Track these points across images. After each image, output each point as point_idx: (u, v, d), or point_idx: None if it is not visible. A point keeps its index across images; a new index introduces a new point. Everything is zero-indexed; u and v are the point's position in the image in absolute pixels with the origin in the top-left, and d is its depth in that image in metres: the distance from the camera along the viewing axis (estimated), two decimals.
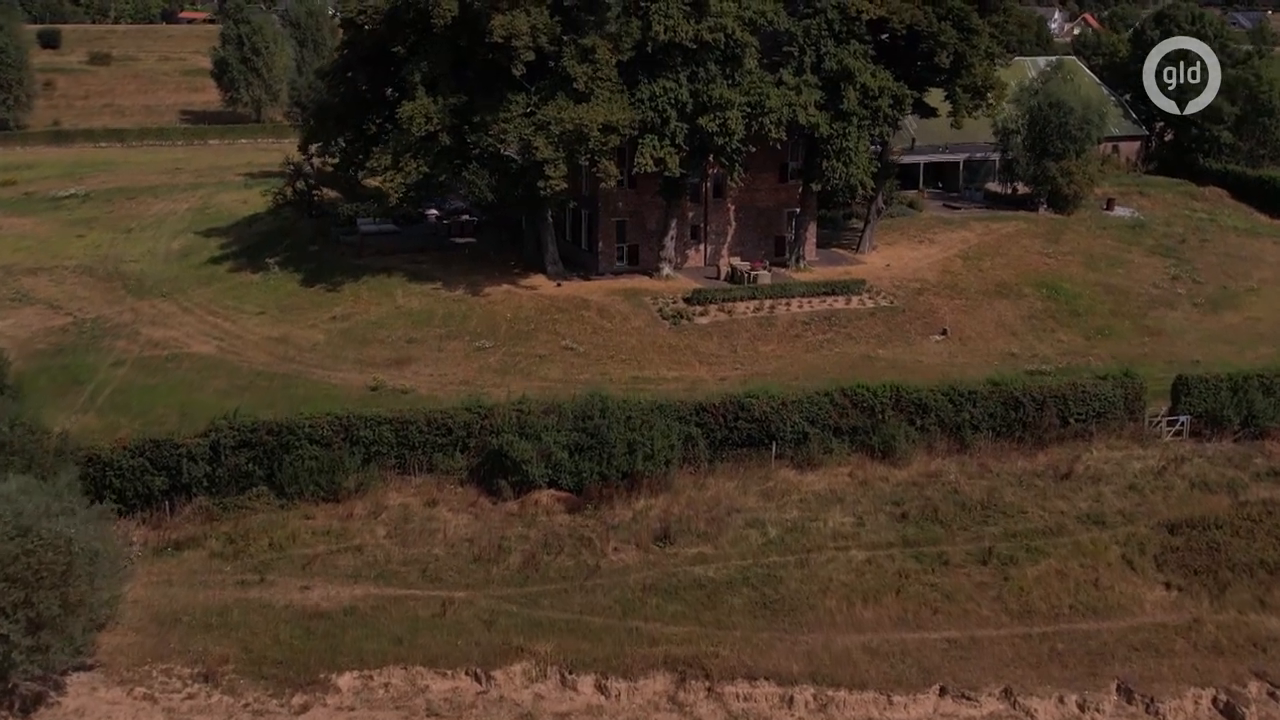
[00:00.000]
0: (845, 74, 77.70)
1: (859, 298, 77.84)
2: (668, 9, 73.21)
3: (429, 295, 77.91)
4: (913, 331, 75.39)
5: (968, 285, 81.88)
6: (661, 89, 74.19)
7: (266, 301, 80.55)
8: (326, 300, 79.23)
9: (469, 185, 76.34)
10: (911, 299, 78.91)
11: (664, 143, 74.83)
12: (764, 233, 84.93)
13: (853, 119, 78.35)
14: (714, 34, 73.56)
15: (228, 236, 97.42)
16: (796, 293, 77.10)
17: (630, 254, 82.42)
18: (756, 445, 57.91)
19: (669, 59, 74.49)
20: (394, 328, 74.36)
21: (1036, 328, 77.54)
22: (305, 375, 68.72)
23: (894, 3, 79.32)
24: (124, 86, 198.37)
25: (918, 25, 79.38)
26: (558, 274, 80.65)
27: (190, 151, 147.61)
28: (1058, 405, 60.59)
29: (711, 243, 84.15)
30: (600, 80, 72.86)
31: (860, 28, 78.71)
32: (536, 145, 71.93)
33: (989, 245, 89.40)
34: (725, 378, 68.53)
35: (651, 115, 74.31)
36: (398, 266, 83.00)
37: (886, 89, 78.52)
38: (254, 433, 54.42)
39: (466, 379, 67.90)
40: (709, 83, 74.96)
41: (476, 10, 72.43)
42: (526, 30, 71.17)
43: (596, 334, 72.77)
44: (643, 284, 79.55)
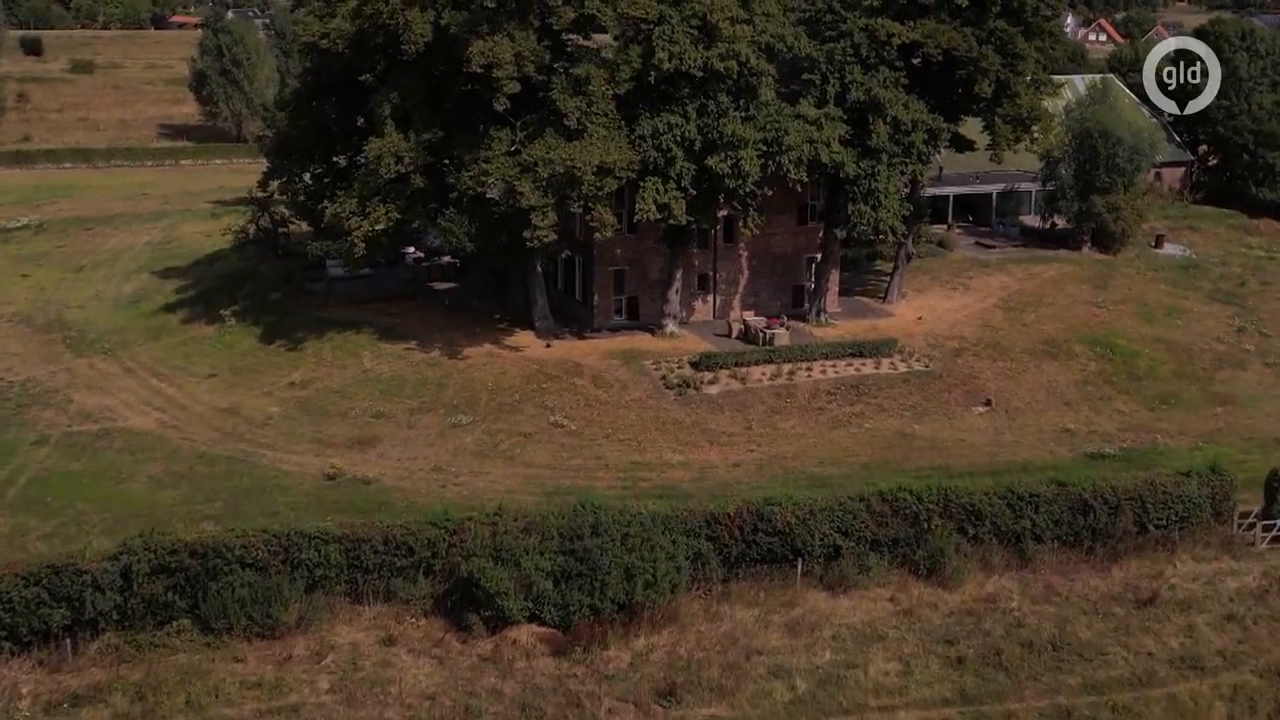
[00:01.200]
0: (874, 105, 68.26)
1: (890, 360, 68.37)
2: (673, 33, 63.80)
3: (400, 358, 68.48)
4: (952, 401, 65.90)
5: (1011, 343, 72.38)
6: (665, 125, 64.75)
7: (219, 361, 71.18)
8: (285, 361, 69.84)
9: (445, 233, 66.90)
10: (949, 361, 69.41)
11: (668, 186, 65.44)
12: (780, 282, 75.52)
13: (882, 156, 68.90)
14: (726, 62, 64.16)
15: (185, 278, 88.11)
16: (819, 355, 67.65)
17: (629, 307, 73.00)
18: (779, 562, 48.44)
19: (674, 90, 65.11)
20: (359, 398, 64.94)
21: (1092, 395, 67.99)
22: (254, 458, 59.33)
23: (929, 25, 69.87)
24: (101, 99, 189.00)
25: (956, 50, 69.94)
26: (547, 330, 71.24)
27: (159, 174, 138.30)
28: (1134, 508, 51.12)
29: (721, 293, 74.71)
30: (594, 115, 63.46)
31: (890, 53, 69.29)
32: (521, 190, 62.49)
33: (1031, 293, 79.92)
34: (739, 462, 59.13)
35: (654, 155, 64.90)
36: (367, 320, 73.63)
37: (920, 122, 69.06)
38: (174, 555, 45.00)
39: (439, 463, 58.51)
40: (719, 117, 65.52)
41: (453, 35, 63.03)
42: (510, 59, 61.77)
43: (590, 407, 63.32)
44: (643, 343, 70.11)
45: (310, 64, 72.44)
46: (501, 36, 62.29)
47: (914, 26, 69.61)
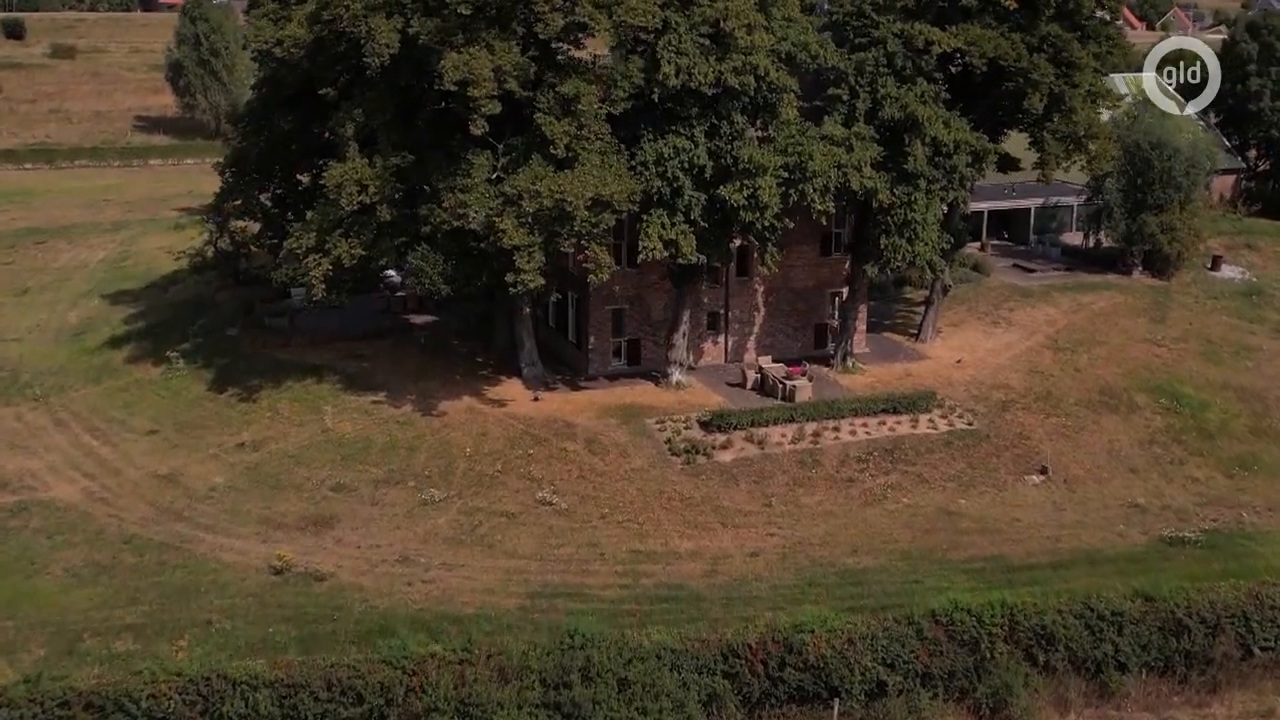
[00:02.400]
0: (911, 123, 59.26)
1: (929, 417, 59.56)
2: (680, 43, 54.77)
3: (367, 414, 59.68)
4: (1002, 469, 57.11)
5: (1064, 393, 63.54)
6: (671, 149, 55.80)
7: (162, 413, 62.42)
8: (236, 416, 61.08)
9: (416, 273, 58.00)
10: (995, 417, 60.57)
11: (675, 219, 56.51)
12: (801, 320, 66.69)
13: (920, 182, 59.94)
14: (741, 77, 55.16)
15: (137, 305, 79.37)
16: (848, 412, 58.84)
17: (630, 351, 64.20)
18: (811, 702, 39.82)
19: (681, 109, 56.13)
20: (318, 464, 56.22)
21: (1160, 459, 59.25)
22: (190, 544, 50.73)
23: (974, 31, 60.81)
24: (78, 88, 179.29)
25: (1004, 59, 60.92)
26: (535, 378, 62.46)
27: (126, 176, 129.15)
28: (1237, 628, 42.45)
29: (734, 333, 65.85)
30: (587, 139, 54.44)
31: (929, 63, 60.22)
32: (503, 228, 53.57)
33: (1081, 328, 71.01)
34: (758, 550, 50.47)
35: (658, 184, 55.98)
36: (333, 364, 64.87)
37: (964, 143, 60.05)
38: (64, 708, 36.33)
39: (406, 553, 49.88)
40: (734, 140, 56.59)
41: (423, 46, 54.04)
42: (488, 75, 52.74)
43: (584, 479, 54.58)
44: (645, 395, 61.28)
45: (266, 73, 63.35)
46: (479, 48, 53.30)
47: (956, 33, 60.52)
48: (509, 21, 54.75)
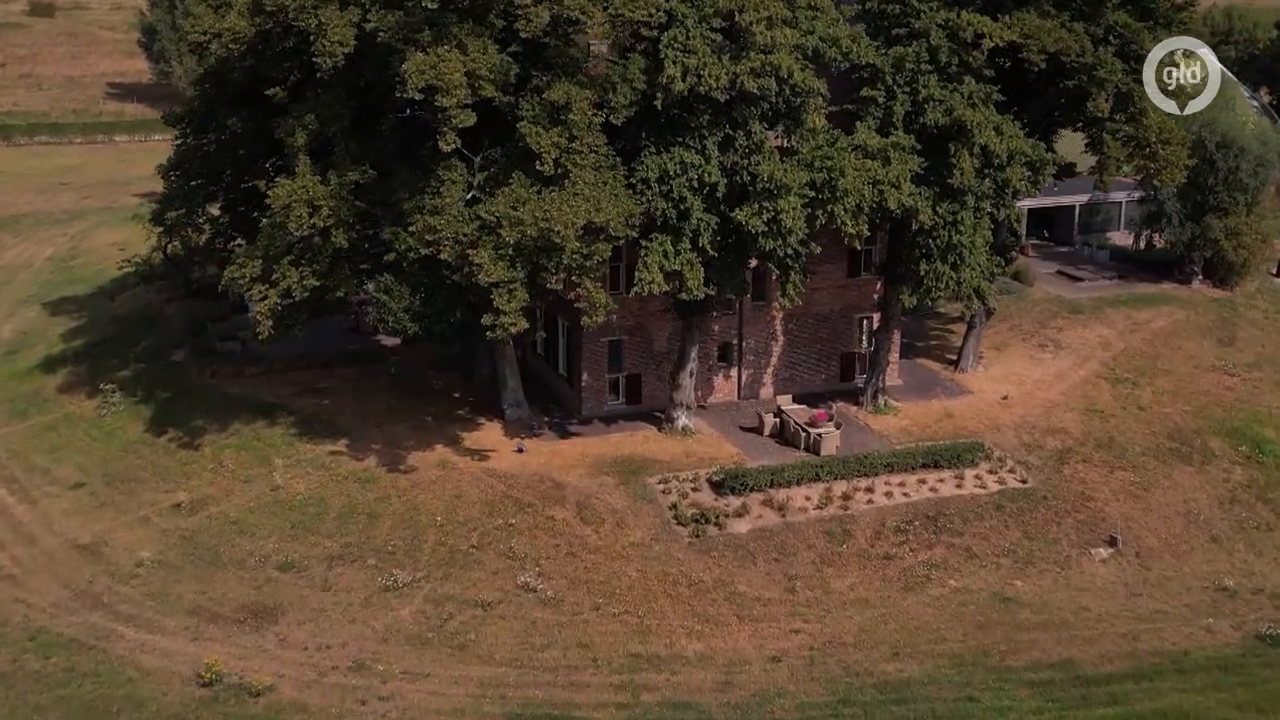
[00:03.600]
0: (957, 129, 50.65)
1: (975, 472, 51.26)
2: (687, 40, 46.10)
3: (324, 467, 51.48)
4: (1064, 539, 48.96)
5: (1128, 438, 55.29)
6: (678, 164, 47.23)
7: (92, 461, 54.33)
8: (175, 466, 52.96)
9: (379, 309, 49.54)
10: (1052, 472, 52.32)
11: (680, 246, 48.04)
12: (825, 349, 58.30)
13: (967, 199, 51.41)
14: (760, 80, 46.45)
15: (79, 317, 71.17)
16: (881, 468, 50.60)
17: (629, 388, 55.86)
18: None
19: (689, 117, 47.48)
20: (263, 533, 48.15)
21: (1245, 524, 51.18)
22: (109, 642, 42.85)
23: (1031, 21, 51.99)
24: (51, 50, 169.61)
25: (1066, 54, 52.11)
26: (519, 421, 54.30)
27: (88, 154, 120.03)
28: None
29: (749, 365, 57.45)
30: (579, 154, 45.86)
31: (978, 58, 51.41)
32: (479, 261, 45.11)
33: (1140, 353, 62.64)
34: (780, 654, 42.52)
35: (662, 206, 47.47)
36: (287, 401, 56.69)
37: (1018, 153, 51.35)
38: None
39: (361, 658, 41.92)
40: (751, 153, 48.04)
41: (383, 46, 45.41)
42: (460, 80, 44.09)
43: (574, 557, 46.46)
44: (647, 443, 53.00)
45: (206, 68, 54.56)
46: (449, 47, 44.57)
47: (1010, 23, 51.67)
48: (485, 14, 46.01)
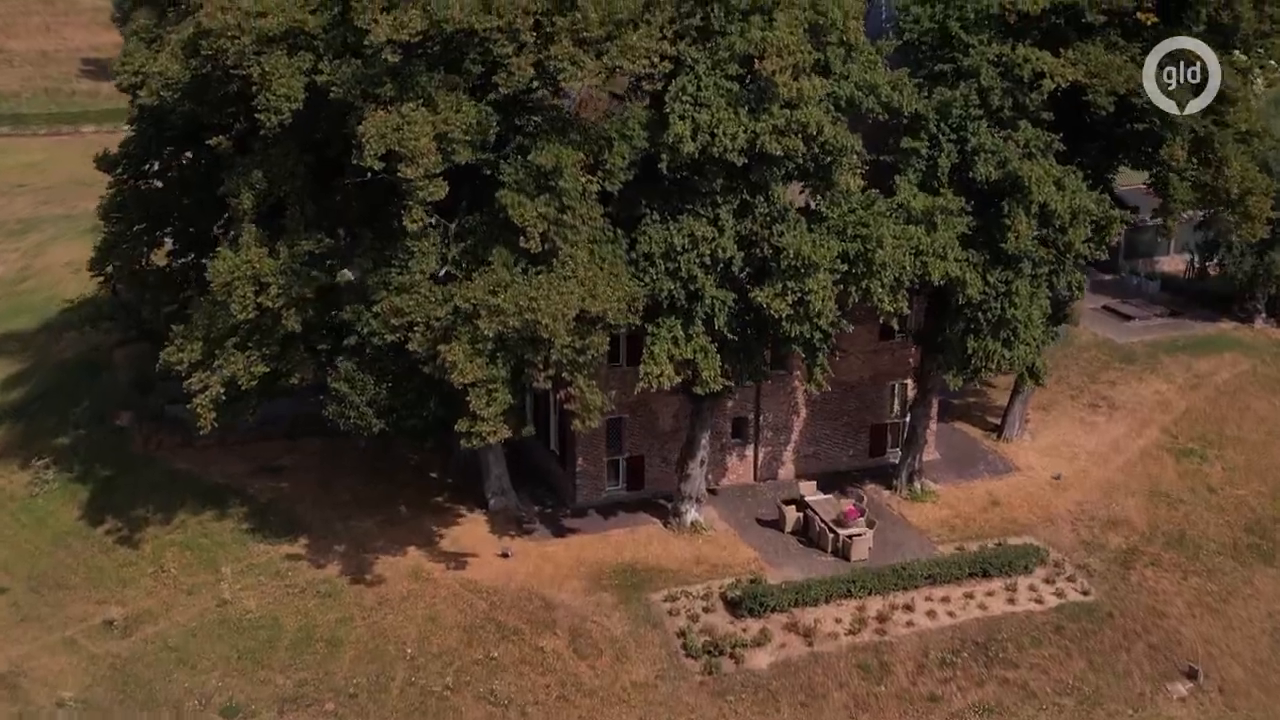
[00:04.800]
0: (1012, 185, 43.43)
1: (1029, 581, 44.49)
2: (698, 90, 38.92)
3: (279, 575, 44.77)
4: (1135, 671, 42.22)
5: (1200, 530, 48.52)
6: (687, 237, 40.17)
7: (18, 557, 47.85)
8: (110, 568, 46.34)
9: (337, 402, 42.49)
10: (1117, 579, 45.57)
11: (693, 330, 41.03)
12: (852, 421, 51.35)
13: (1023, 266, 44.25)
14: (786, 140, 39.11)
15: (20, 359, 64.54)
16: (921, 579, 43.88)
17: (631, 473, 49.01)
18: None
19: (700, 180, 40.23)
20: (206, 664, 41.48)
21: None
22: None
23: (1097, 56, 44.85)
24: (25, 21, 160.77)
25: (1138, 96, 44.78)
26: (504, 513, 47.76)
27: (53, 149, 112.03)
28: None
29: (767, 442, 50.54)
30: (569, 227, 38.70)
31: (1036, 100, 44.08)
32: (452, 359, 38.07)
33: (1204, 415, 55.73)
34: None
35: (669, 286, 40.35)
36: (241, 483, 50.21)
37: (1082, 211, 44.13)
38: None
39: None
40: (774, 222, 40.86)
41: (339, 103, 38.22)
42: (429, 145, 36.83)
43: (566, 701, 39.89)
44: (651, 544, 46.26)
45: (140, 109, 47.12)
46: (415, 104, 37.30)
47: (1073, 59, 44.31)
48: (458, 64, 38.69)
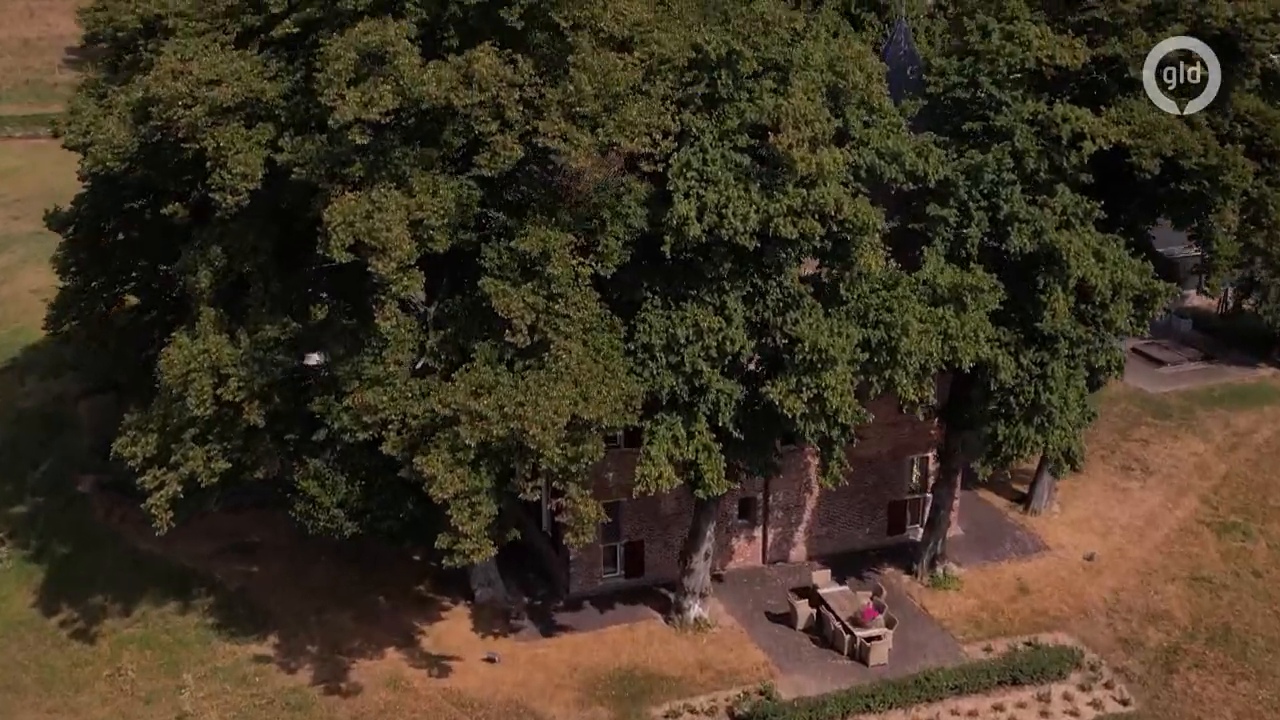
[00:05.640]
0: (1047, 258, 39.38)
1: (1064, 688, 40.78)
2: (704, 165, 34.98)
3: (245, 683, 41.02)
4: None
5: (1247, 623, 44.76)
6: (691, 328, 36.27)
7: None
8: (63, 667, 42.58)
9: (305, 504, 38.60)
10: (1159, 685, 41.78)
11: (695, 427, 37.15)
12: (870, 498, 47.52)
13: (1059, 345, 40.23)
14: (802, 221, 35.10)
15: None
16: (946, 689, 40.17)
17: (629, 558, 45.29)
18: None
19: (707, 263, 36.24)
20: None
21: None
22: None
23: (1141, 114, 40.99)
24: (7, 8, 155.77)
25: (1186, 155, 40.76)
26: (491, 604, 44.15)
27: (29, 154, 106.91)
28: None
29: (777, 523, 46.76)
30: (561, 318, 34.74)
31: (1075, 159, 39.98)
32: (430, 471, 34.17)
33: (1246, 481, 52.04)
34: None
35: (670, 381, 36.40)
36: (208, 566, 46.65)
37: (1125, 285, 40.12)
38: None
39: None
40: (787, 307, 36.83)
41: (301, 186, 34.26)
42: (401, 236, 32.87)
43: None
44: (651, 643, 42.55)
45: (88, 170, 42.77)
46: (386, 186, 33.28)
47: (1116, 118, 40.24)
48: (435, 136, 34.64)
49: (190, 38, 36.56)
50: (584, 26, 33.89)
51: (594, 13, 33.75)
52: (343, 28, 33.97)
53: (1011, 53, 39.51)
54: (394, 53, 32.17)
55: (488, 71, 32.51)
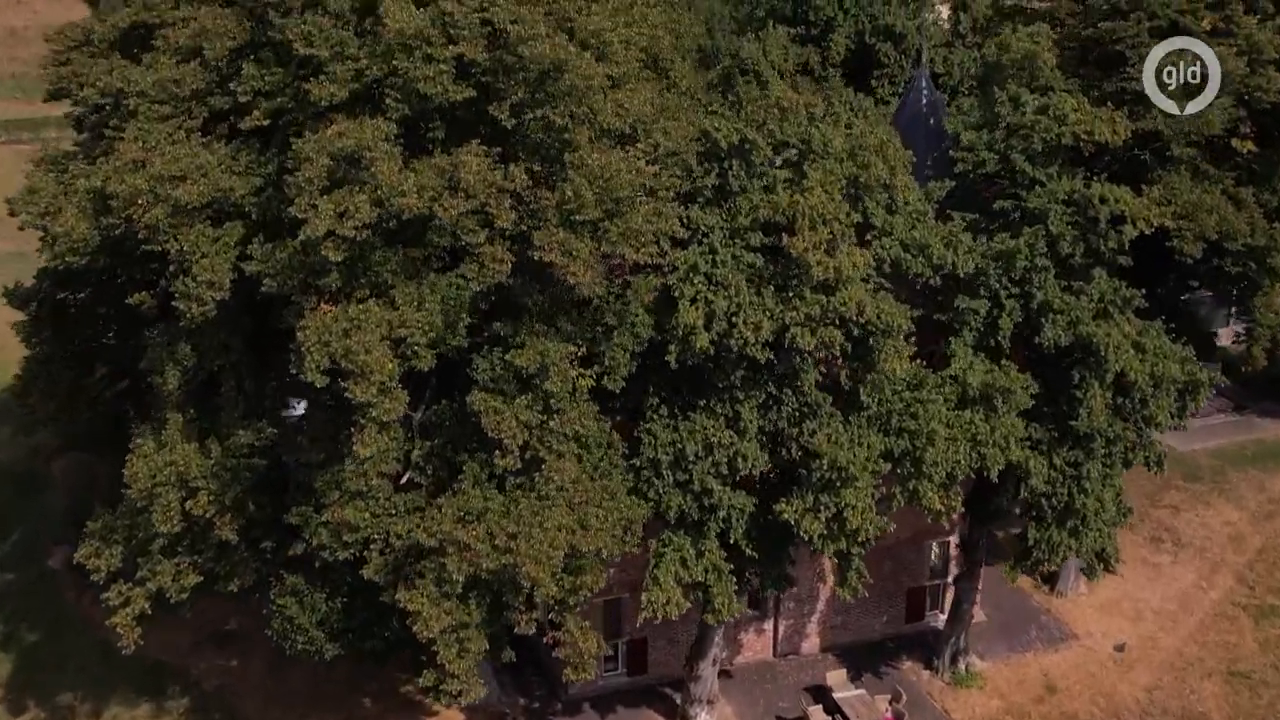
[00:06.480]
0: (1083, 350, 36.38)
1: None
2: (713, 268, 32.11)
3: None
4: None
5: None
6: (700, 443, 33.25)
7: None
8: None
9: (283, 622, 35.85)
10: None
11: (705, 546, 34.38)
12: (888, 585, 44.75)
13: (1094, 445, 37.28)
14: (821, 330, 32.14)
15: None
16: None
17: (632, 657, 42.73)
18: None
19: (718, 372, 33.28)
20: None
21: None
22: None
23: (1185, 193, 37.84)
24: None
25: (1232, 237, 37.76)
26: (484, 707, 40.88)
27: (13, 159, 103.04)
28: None
29: (789, 614, 44.05)
30: (557, 436, 31.82)
31: (1112, 243, 36.87)
32: (414, 606, 31.39)
33: None
34: None
35: (678, 500, 33.54)
36: (183, 661, 44.12)
37: (1166, 380, 37.16)
38: None
39: None
40: (804, 417, 33.87)
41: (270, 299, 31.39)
42: (383, 357, 29.90)
43: None
44: None
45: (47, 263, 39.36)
46: (365, 300, 30.37)
47: (1159, 199, 37.19)
48: (421, 234, 31.62)
49: (153, 122, 33.42)
50: (582, 121, 30.79)
51: (593, 106, 30.62)
52: (318, 118, 30.94)
53: (1046, 127, 36.39)
54: (371, 158, 29.05)
55: (475, 178, 29.44)
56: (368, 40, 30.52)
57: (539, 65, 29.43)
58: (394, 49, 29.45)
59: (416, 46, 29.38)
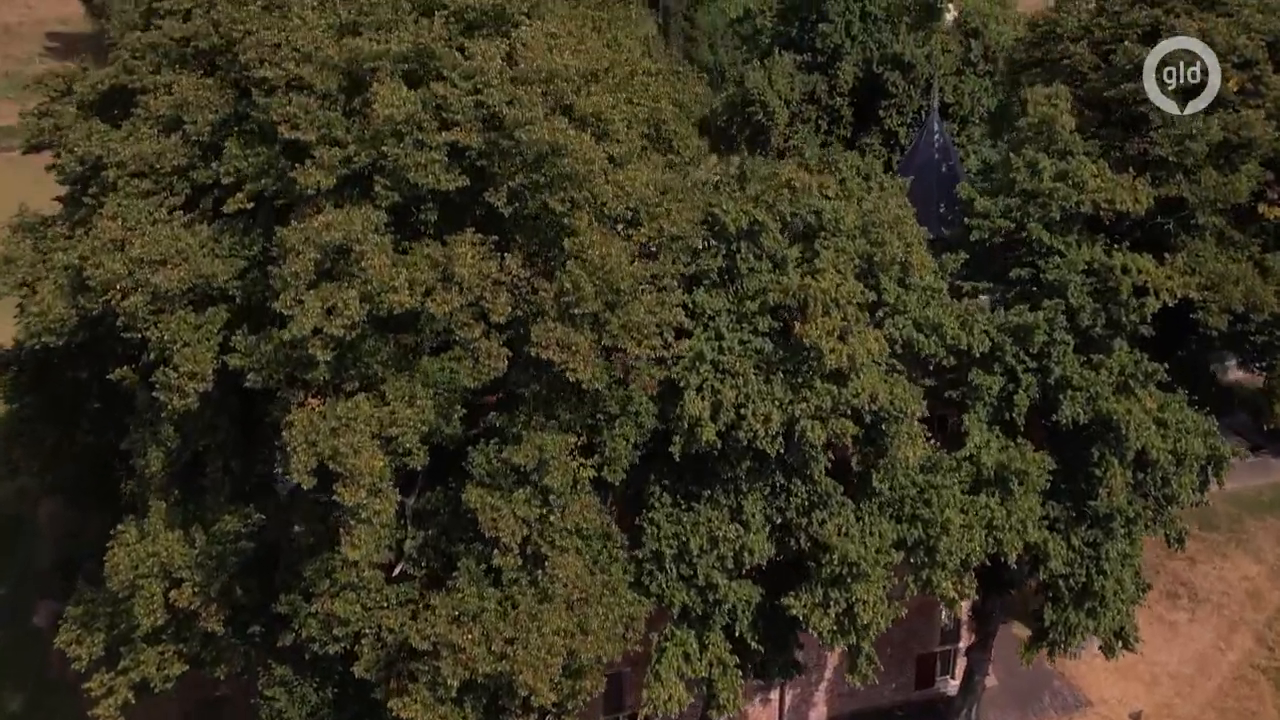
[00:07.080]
0: (1103, 429, 34.90)
1: None
2: (719, 356, 30.65)
3: None
4: None
5: None
6: (705, 536, 31.91)
7: None
8: None
9: (271, 713, 34.53)
10: None
11: (709, 639, 32.96)
12: (897, 652, 43.59)
13: (1113, 524, 35.86)
14: (833, 421, 30.71)
15: None
16: None
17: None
18: None
19: (723, 464, 31.84)
20: None
21: None
22: None
23: (1210, 262, 36.22)
24: None
25: (1258, 309, 36.29)
26: None
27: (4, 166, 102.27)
28: None
29: (796, 683, 42.70)
30: (557, 531, 30.47)
31: (1135, 316, 35.33)
32: (409, 715, 30.08)
33: None
34: None
35: (680, 595, 32.16)
36: None
37: (1189, 455, 35.72)
38: None
39: None
40: (813, 509, 32.44)
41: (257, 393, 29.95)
42: (373, 458, 28.48)
43: None
44: None
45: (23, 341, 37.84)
46: (353, 390, 28.95)
47: (1183, 269, 35.69)
48: (413, 322, 30.13)
49: (133, 199, 31.92)
50: (582, 205, 29.28)
51: (593, 191, 29.10)
52: (305, 201, 29.42)
53: (1065, 195, 34.87)
54: (360, 252, 27.57)
55: (470, 271, 27.97)
56: (356, 121, 28.98)
57: (536, 149, 27.93)
58: (384, 135, 27.91)
59: (408, 132, 27.87)
